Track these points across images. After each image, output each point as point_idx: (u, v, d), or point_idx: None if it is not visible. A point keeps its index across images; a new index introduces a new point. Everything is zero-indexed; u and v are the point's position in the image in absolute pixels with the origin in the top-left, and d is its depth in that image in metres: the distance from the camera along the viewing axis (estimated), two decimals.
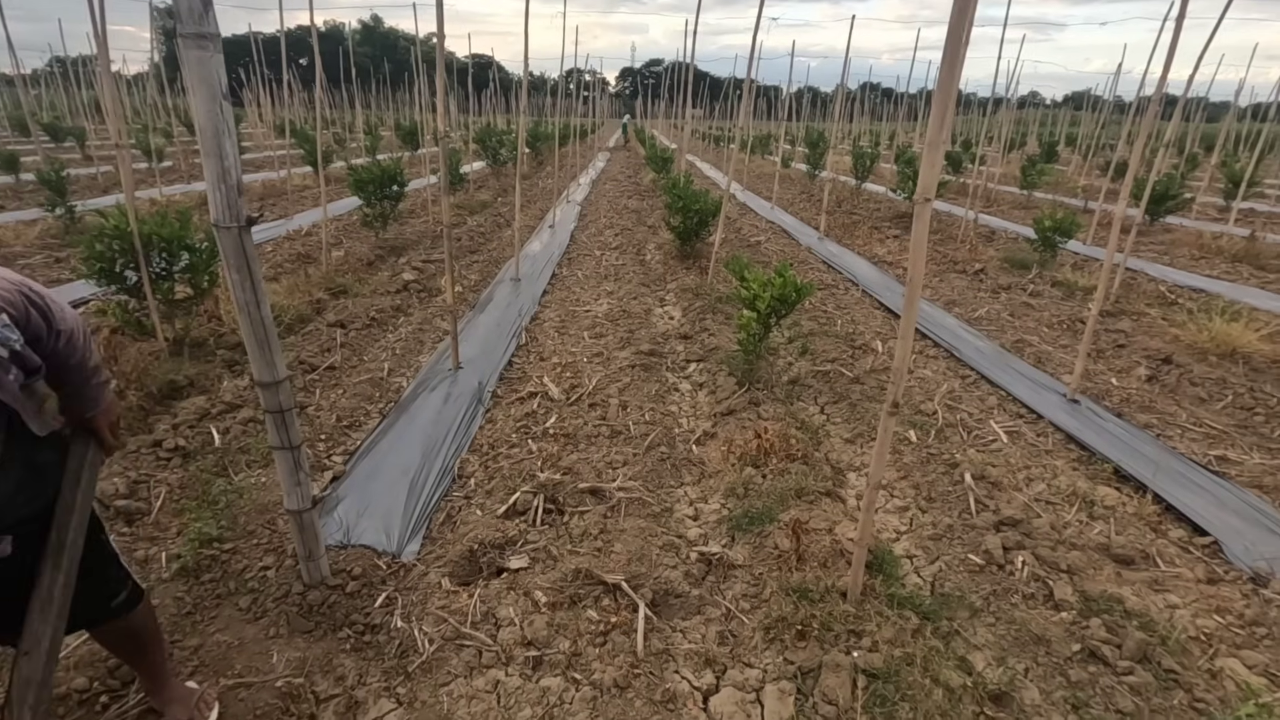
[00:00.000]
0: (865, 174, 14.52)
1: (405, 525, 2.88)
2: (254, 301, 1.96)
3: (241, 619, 2.31)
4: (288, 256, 7.31)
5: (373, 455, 3.46)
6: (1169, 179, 10.34)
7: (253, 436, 3.51)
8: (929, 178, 1.77)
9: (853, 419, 4.02)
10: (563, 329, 5.60)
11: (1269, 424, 4.07)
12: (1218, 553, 2.87)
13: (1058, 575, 2.64)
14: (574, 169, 18.12)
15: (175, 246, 4.19)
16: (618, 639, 2.27)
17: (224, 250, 1.88)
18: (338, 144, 20.13)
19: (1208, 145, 22.18)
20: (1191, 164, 17.89)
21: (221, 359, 4.36)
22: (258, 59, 18.37)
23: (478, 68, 32.26)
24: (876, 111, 41.60)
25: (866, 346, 5.28)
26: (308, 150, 12.24)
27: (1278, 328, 5.66)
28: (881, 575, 2.55)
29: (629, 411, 3.97)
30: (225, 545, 2.65)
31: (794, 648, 2.22)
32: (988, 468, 3.44)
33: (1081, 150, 21.66)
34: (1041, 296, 6.89)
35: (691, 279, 7.03)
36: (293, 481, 2.23)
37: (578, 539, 2.81)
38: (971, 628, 2.37)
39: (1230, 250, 8.95)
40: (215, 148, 1.77)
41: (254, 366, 2.05)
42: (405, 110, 31.40)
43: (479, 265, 7.72)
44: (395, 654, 2.21)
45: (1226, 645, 2.34)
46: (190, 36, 1.69)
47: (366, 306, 5.69)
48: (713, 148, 30.66)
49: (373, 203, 7.97)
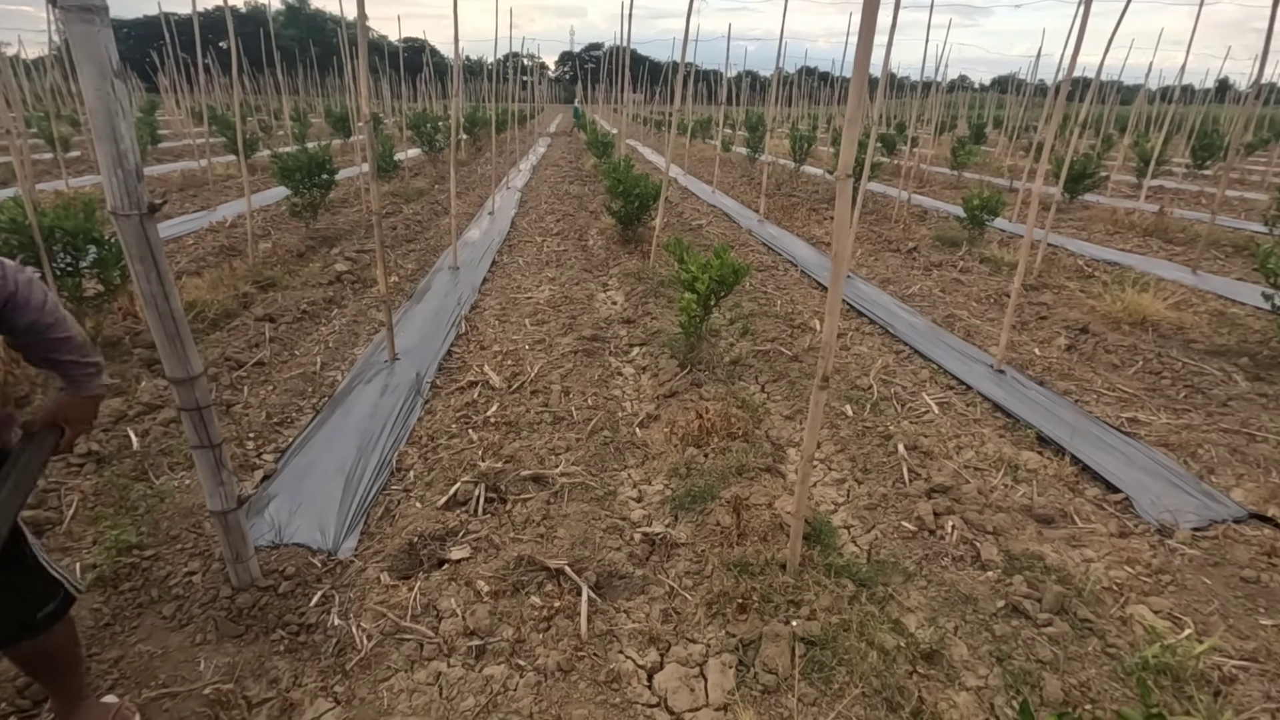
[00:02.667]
0: (803, 157, 14.76)
1: (341, 521, 2.80)
2: (161, 294, 1.86)
3: (165, 627, 2.20)
4: (211, 249, 6.96)
5: (306, 452, 3.35)
6: (1086, 159, 10.85)
7: (174, 438, 3.34)
8: (848, 155, 1.81)
9: (792, 396, 4.10)
10: (504, 317, 5.52)
11: (1174, 387, 4.34)
12: (1129, 508, 3.05)
13: (984, 537, 2.76)
14: (514, 155, 17.81)
15: (81, 240, 3.94)
16: (561, 623, 2.27)
17: (125, 240, 1.78)
18: (264, 131, 19.25)
19: (1122, 126, 23.35)
20: (1107, 144, 18.83)
21: (139, 358, 4.13)
22: (171, 42, 17.33)
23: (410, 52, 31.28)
24: (814, 95, 42.22)
25: (805, 325, 5.39)
26: (229, 138, 11.66)
27: (1182, 297, 6.04)
28: (820, 546, 2.61)
29: (571, 397, 3.95)
30: (146, 552, 2.52)
31: (735, 621, 2.26)
32: (920, 438, 3.56)
33: (1008, 132, 22.51)
34: (971, 273, 7.15)
35: (634, 263, 7.02)
36: (215, 482, 2.13)
37: (520, 526, 2.79)
38: (905, 591, 2.46)
39: (1141, 225, 9.48)
40: (109, 129, 1.66)
41: (165, 362, 1.95)
42: (335, 96, 30.24)
43: (416, 254, 7.52)
44: (332, 652, 2.16)
45: (1135, 593, 2.49)
46: (73, 9, 1.57)
47: (297, 299, 5.48)
48: (654, 132, 30.62)
49: (301, 192, 7.66)
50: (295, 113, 21.84)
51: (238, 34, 6.17)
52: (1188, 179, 15.83)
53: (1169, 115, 15.55)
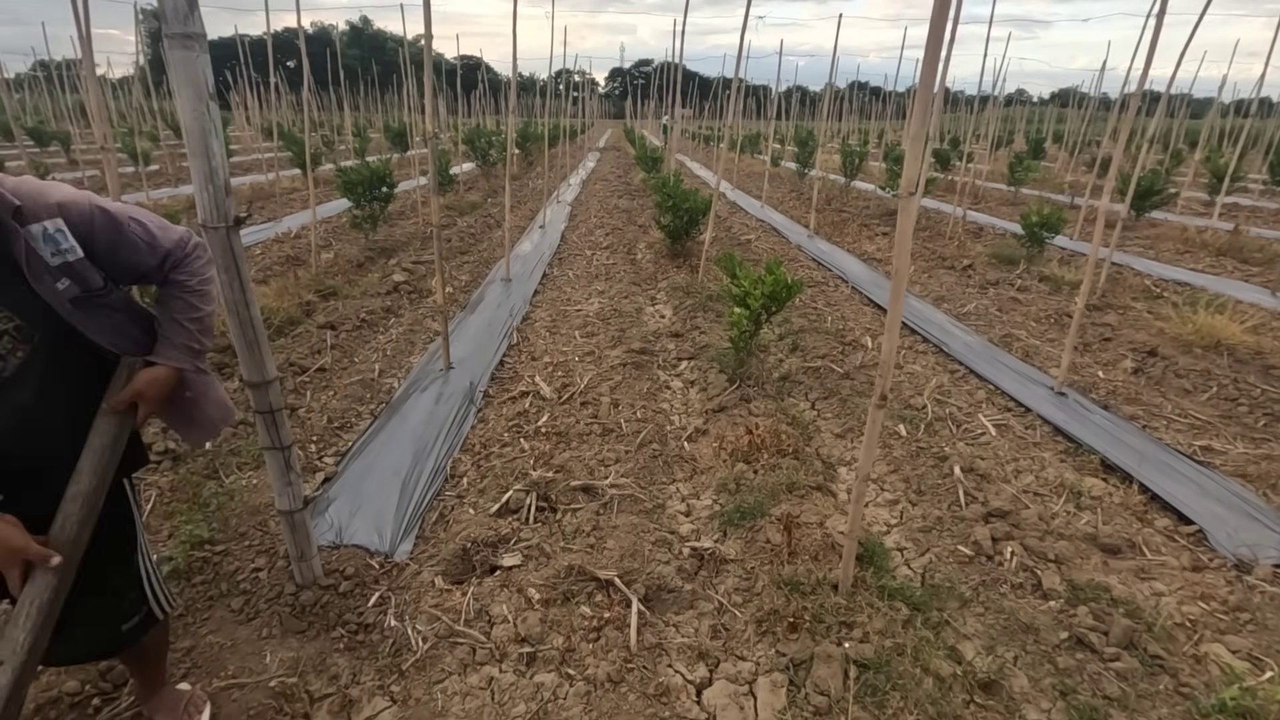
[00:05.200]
0: (854, 172, 14.59)
1: (398, 525, 2.88)
2: (243, 302, 1.96)
3: (234, 620, 2.30)
4: (276, 259, 7.28)
5: (364, 456, 3.46)
6: (1153, 174, 10.44)
7: (243, 439, 3.49)
8: (912, 172, 1.80)
9: (843, 414, 4.04)
10: (554, 328, 5.61)
11: (1252, 414, 4.13)
12: (1202, 541, 2.91)
13: (1045, 565, 2.67)
14: (564, 169, 18.11)
15: None
16: (611, 634, 2.29)
17: (212, 251, 1.88)
18: (326, 146, 20.04)
19: (1192, 141, 22.40)
20: (1176, 160, 18.06)
21: (210, 361, 4.33)
22: (244, 61, 18.27)
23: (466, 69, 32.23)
24: (865, 110, 41.77)
25: (856, 342, 5.31)
26: (295, 152, 12.19)
27: (1261, 320, 5.73)
28: (872, 567, 2.57)
29: (620, 409, 3.98)
30: (217, 547, 2.65)
31: (786, 640, 2.24)
32: (976, 460, 3.47)
33: (1068, 147, 21.83)
34: (1029, 291, 6.95)
35: (682, 277, 7.04)
36: (284, 482, 2.23)
37: (570, 536, 2.82)
38: (961, 618, 2.40)
39: (1215, 244, 9.05)
40: (202, 148, 1.78)
41: (243, 367, 2.05)
42: (394, 112, 31.31)
43: (469, 266, 7.71)
44: (389, 653, 2.22)
45: (1211, 631, 2.37)
46: (176, 36, 1.69)
47: (356, 308, 5.68)
48: (702, 147, 30.72)
49: (362, 204, 7.95)
50: (356, 128, 22.71)
51: (306, 53, 6.47)
52: (1265, 196, 15.07)
53: (1245, 129, 14.85)
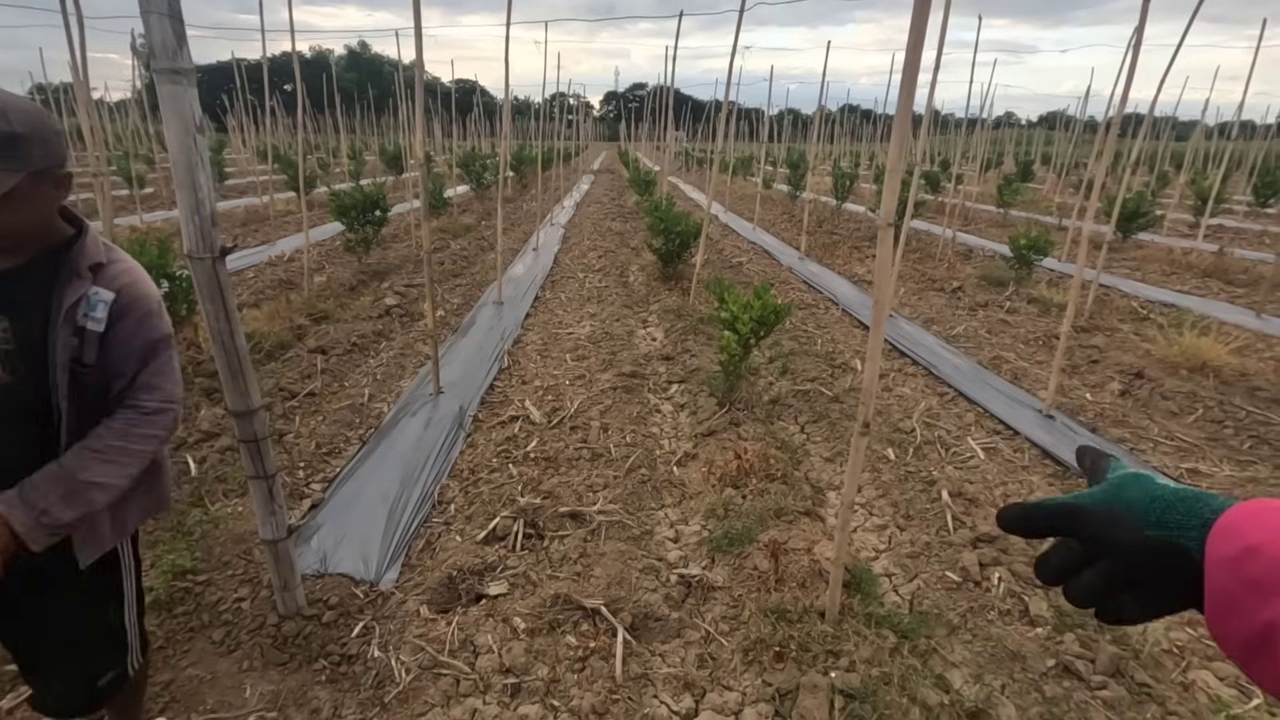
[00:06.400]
0: (845, 194, 14.75)
1: (384, 552, 2.86)
2: (227, 331, 1.96)
3: (215, 652, 2.28)
4: (269, 282, 7.28)
5: (352, 482, 3.44)
6: (1139, 196, 10.59)
7: (230, 465, 3.47)
8: (890, 203, 1.83)
9: (832, 438, 4.05)
10: (545, 352, 5.61)
11: (1238, 436, 4.15)
12: None
13: (1033, 591, 2.67)
14: (558, 192, 18.25)
15: (154, 275, 4.17)
16: (596, 664, 2.27)
17: (197, 281, 1.89)
18: (321, 169, 20.16)
19: (1177, 163, 22.77)
20: (1162, 182, 18.33)
21: (200, 387, 4.32)
22: (241, 85, 18.43)
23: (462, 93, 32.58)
24: (856, 132, 42.32)
25: (846, 365, 5.34)
26: (290, 176, 12.26)
27: (1246, 341, 5.79)
28: (860, 594, 2.56)
29: (610, 434, 3.98)
30: (199, 577, 2.62)
31: (772, 669, 2.23)
32: (965, 484, 3.48)
33: (1056, 169, 22.14)
34: (1018, 313, 7.01)
35: (674, 300, 7.08)
36: (267, 511, 2.21)
37: (557, 563, 2.80)
38: (949, 645, 2.39)
39: (1200, 265, 9.17)
40: (189, 180, 1.79)
41: (227, 396, 2.05)
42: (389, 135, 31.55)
43: (462, 289, 7.73)
44: (372, 684, 2.19)
45: (1199, 657, 2.37)
46: (164, 72, 1.71)
47: (348, 332, 5.68)
48: (695, 169, 31.02)
49: (355, 228, 7.98)
50: (351, 151, 22.86)
51: (302, 77, 6.54)
52: (1249, 217, 15.30)
53: (1228, 151, 15.11)
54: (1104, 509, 0.46)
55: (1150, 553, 0.43)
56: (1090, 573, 0.46)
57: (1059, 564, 0.48)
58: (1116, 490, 0.47)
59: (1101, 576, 0.46)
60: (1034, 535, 0.49)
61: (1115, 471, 0.50)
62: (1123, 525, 0.45)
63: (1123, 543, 0.44)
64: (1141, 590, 0.45)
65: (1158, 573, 0.43)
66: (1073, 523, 0.47)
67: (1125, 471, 0.49)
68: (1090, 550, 0.46)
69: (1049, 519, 0.48)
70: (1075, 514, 0.47)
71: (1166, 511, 0.43)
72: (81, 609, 1.46)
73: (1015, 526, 0.49)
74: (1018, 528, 0.49)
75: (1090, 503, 0.47)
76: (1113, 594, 0.45)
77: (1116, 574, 0.45)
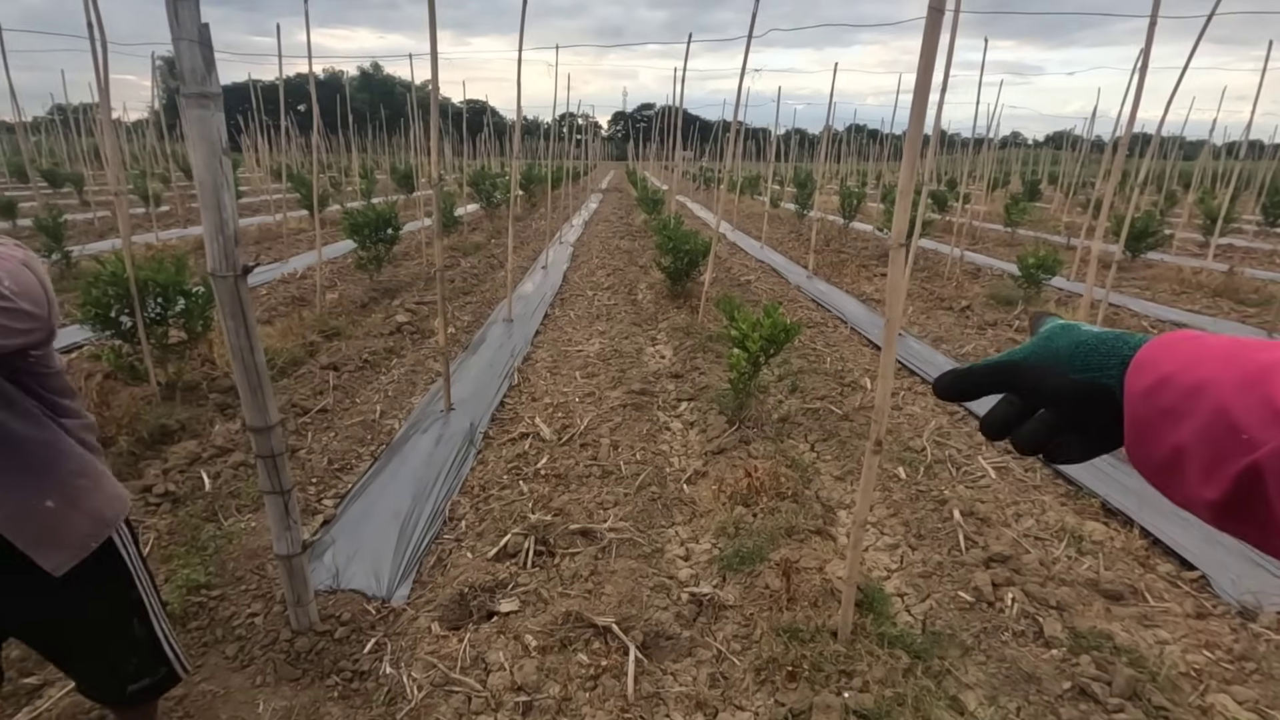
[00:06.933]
0: (852, 213, 14.80)
1: (395, 569, 2.87)
2: (248, 347, 2.00)
3: (228, 667, 2.28)
4: (282, 299, 7.37)
5: (364, 498, 3.46)
6: (1148, 216, 10.60)
7: (243, 481, 3.50)
8: (901, 223, 1.85)
9: (842, 456, 4.05)
10: (555, 369, 5.64)
11: None
12: (1206, 587, 2.88)
13: (1047, 612, 2.65)
14: (567, 210, 18.40)
15: (171, 292, 4.24)
16: (608, 682, 2.26)
17: (219, 298, 1.93)
18: (334, 187, 20.42)
19: (1186, 182, 22.75)
20: (1170, 201, 18.33)
21: (214, 403, 4.37)
22: (256, 106, 18.76)
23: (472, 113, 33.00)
24: (863, 152, 42.56)
25: (855, 384, 5.34)
26: (304, 194, 12.43)
27: None
28: (872, 614, 2.55)
29: (620, 451, 3.99)
30: (213, 592, 2.64)
31: (785, 689, 2.22)
32: (976, 504, 3.46)
33: (1063, 188, 22.18)
34: (1027, 332, 6.98)
35: (682, 318, 7.11)
36: (282, 526, 2.23)
37: (568, 581, 2.81)
38: (962, 666, 2.37)
39: (1210, 285, 9.14)
40: (214, 200, 1.84)
41: (246, 412, 2.08)
42: (401, 154, 31.96)
43: (472, 306, 7.79)
44: (383, 701, 2.19)
45: (1217, 681, 2.34)
46: (193, 96, 1.76)
47: (359, 349, 5.73)
48: (703, 189, 31.23)
49: (367, 246, 8.07)
50: (363, 170, 23.16)
51: (315, 99, 6.66)
52: (1259, 237, 15.25)
53: (1236, 171, 15.11)
54: (1035, 361, 0.48)
55: (1079, 395, 0.45)
56: (1032, 422, 0.49)
57: (1003, 418, 0.50)
58: (1046, 341, 0.49)
59: (1042, 424, 0.48)
60: (972, 396, 0.51)
61: (1047, 325, 0.52)
62: (1053, 374, 0.47)
63: (1054, 390, 0.47)
64: (1080, 431, 0.47)
65: (1089, 412, 0.46)
66: (1008, 378, 0.49)
67: (1054, 324, 0.51)
68: (1029, 402, 0.49)
69: (986, 378, 0.50)
70: (1009, 370, 0.49)
71: (1090, 355, 0.45)
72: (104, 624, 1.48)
73: (953, 392, 0.51)
74: (956, 392, 0.51)
75: (1022, 357, 0.49)
76: (1055, 438, 0.48)
77: (1055, 420, 0.48)
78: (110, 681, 1.55)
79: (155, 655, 1.58)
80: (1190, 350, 0.40)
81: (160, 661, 1.59)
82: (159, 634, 1.58)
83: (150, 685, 1.58)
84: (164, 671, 1.59)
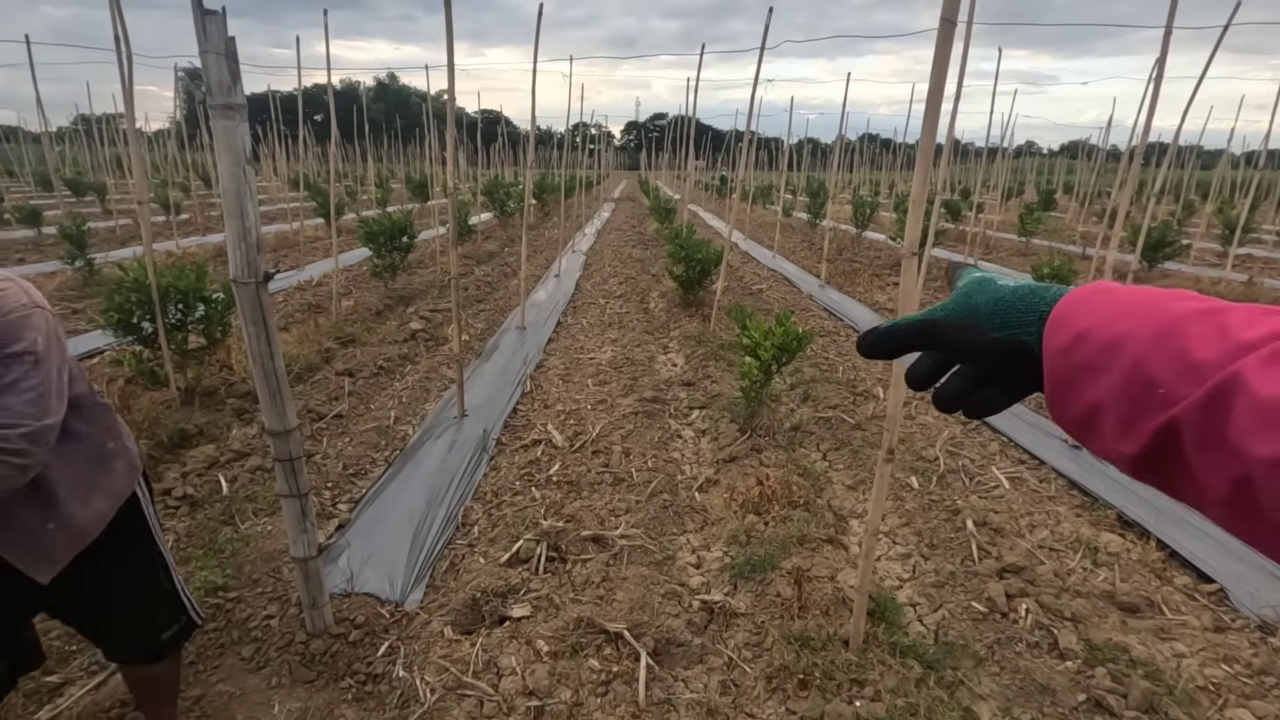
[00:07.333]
0: (865, 222, 14.78)
1: (409, 573, 2.89)
2: (268, 353, 2.04)
3: (244, 669, 2.31)
4: (299, 306, 7.46)
5: (378, 503, 3.49)
6: (1165, 226, 10.51)
7: (260, 485, 3.55)
8: (914, 233, 1.86)
9: (855, 465, 4.03)
10: (567, 376, 5.67)
11: None
12: (1224, 600, 2.85)
13: (1062, 623, 2.63)
14: (580, 219, 18.50)
15: (192, 298, 4.31)
16: (619, 688, 2.27)
17: (241, 304, 1.97)
18: (350, 196, 20.66)
19: (1204, 192, 22.53)
20: (1188, 210, 18.16)
21: (231, 407, 4.43)
22: (275, 116, 19.06)
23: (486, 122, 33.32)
24: (876, 161, 42.50)
25: (868, 393, 5.32)
26: (320, 202, 12.59)
27: None
28: (884, 623, 2.54)
29: (632, 458, 4.01)
30: (230, 594, 2.67)
31: (796, 697, 2.21)
32: (990, 514, 3.44)
33: (1079, 198, 22.03)
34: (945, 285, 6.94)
35: (694, 326, 7.12)
36: (299, 529, 2.27)
37: (580, 587, 2.82)
38: (976, 677, 2.35)
39: (1229, 296, 9.01)
40: (238, 209, 1.88)
41: (265, 416, 2.12)
42: (415, 163, 32.30)
43: (485, 314, 7.85)
44: (397, 704, 2.21)
45: (1235, 695, 2.31)
46: (219, 108, 1.81)
47: (374, 355, 5.79)
48: (715, 198, 31.29)
49: (383, 254, 8.16)
50: (379, 178, 23.42)
51: (334, 110, 6.77)
52: (1279, 247, 15.06)
53: (1255, 180, 14.95)
54: (955, 320, 0.48)
55: (998, 352, 0.46)
56: (952, 378, 0.50)
57: (925, 371, 0.51)
58: (965, 298, 0.49)
59: (962, 379, 0.49)
60: (894, 354, 0.51)
61: (965, 279, 0.52)
62: (973, 331, 0.47)
63: (974, 348, 0.47)
64: (998, 384, 0.48)
65: (1008, 368, 0.46)
66: (929, 336, 0.49)
67: (972, 278, 0.51)
68: (950, 358, 0.50)
69: (907, 337, 0.50)
70: (930, 329, 0.49)
71: (1009, 312, 0.46)
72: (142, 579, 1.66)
73: (876, 349, 0.51)
74: (879, 350, 0.51)
75: (942, 315, 0.49)
76: (976, 393, 0.49)
77: (975, 374, 0.48)
78: (149, 632, 1.70)
79: (177, 604, 1.75)
80: (1106, 304, 0.41)
81: (181, 610, 1.76)
82: (177, 584, 1.75)
83: (178, 631, 1.75)
84: (184, 619, 1.76)
